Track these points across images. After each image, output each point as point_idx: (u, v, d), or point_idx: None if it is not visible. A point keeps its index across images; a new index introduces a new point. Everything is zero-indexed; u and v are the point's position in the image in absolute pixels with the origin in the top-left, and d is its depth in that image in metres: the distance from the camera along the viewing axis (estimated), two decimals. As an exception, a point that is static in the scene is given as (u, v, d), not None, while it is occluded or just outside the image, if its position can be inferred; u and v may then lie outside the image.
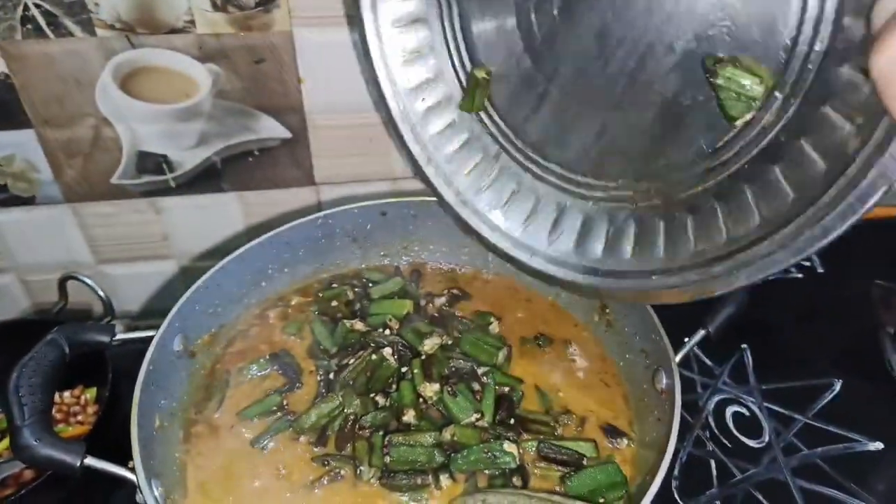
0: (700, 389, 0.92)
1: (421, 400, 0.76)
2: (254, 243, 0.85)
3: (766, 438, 0.86)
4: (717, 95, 0.55)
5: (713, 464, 0.84)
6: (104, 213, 1.00)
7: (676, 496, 0.80)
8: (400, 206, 0.93)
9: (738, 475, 0.82)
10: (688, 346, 0.73)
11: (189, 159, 0.97)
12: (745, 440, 0.86)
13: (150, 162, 0.96)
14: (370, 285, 0.92)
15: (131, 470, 0.61)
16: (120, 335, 0.73)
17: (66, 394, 0.92)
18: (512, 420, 0.75)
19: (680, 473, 0.82)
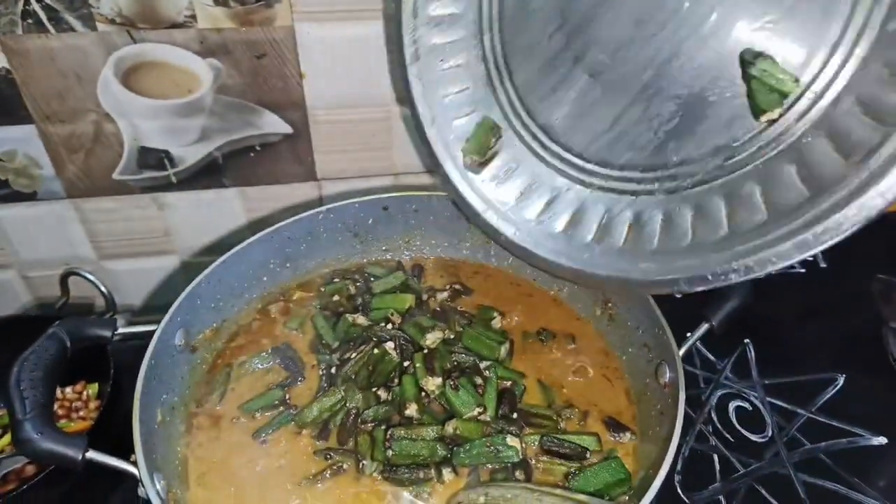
0: (703, 384, 0.92)
1: (423, 394, 0.76)
2: (255, 238, 0.85)
3: (769, 433, 0.86)
4: (749, 87, 0.55)
5: (716, 458, 0.83)
6: (106, 209, 1.00)
7: (679, 491, 0.80)
8: (402, 200, 0.93)
9: (741, 470, 0.82)
10: (691, 340, 0.73)
11: (190, 155, 0.97)
12: (748, 435, 0.86)
13: (152, 157, 0.96)
14: (372, 280, 0.92)
15: (133, 464, 0.61)
16: (121, 329, 0.73)
17: (68, 389, 0.92)
18: (514, 414, 0.75)
19: (683, 468, 0.82)
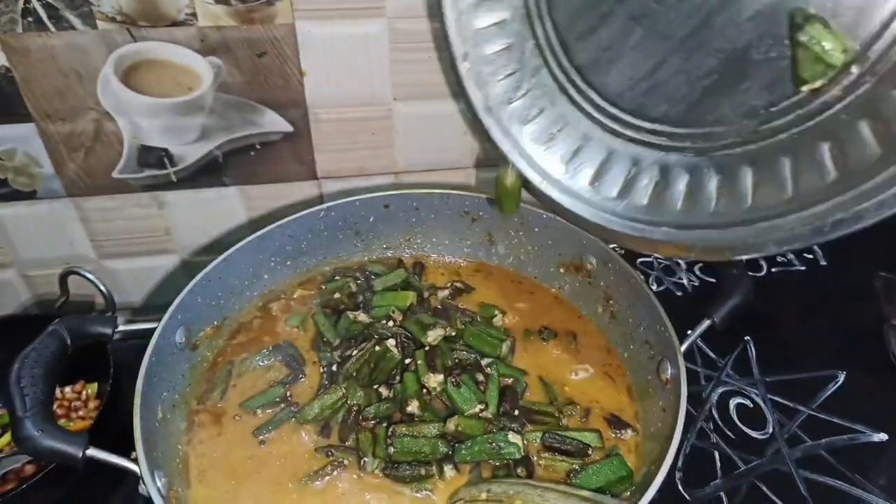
0: (703, 382, 0.92)
1: (424, 391, 0.76)
2: (256, 235, 0.85)
3: (770, 430, 0.86)
4: (794, 54, 0.52)
5: (717, 455, 0.83)
6: (106, 208, 0.99)
7: (680, 487, 0.80)
8: (403, 198, 0.93)
9: (742, 466, 0.82)
10: (693, 336, 0.73)
11: (191, 153, 0.97)
12: (749, 432, 0.86)
13: (152, 156, 0.96)
14: (373, 277, 0.92)
15: (134, 461, 0.61)
16: (122, 327, 0.73)
17: (67, 389, 0.92)
18: (516, 411, 0.75)
19: (684, 465, 0.82)
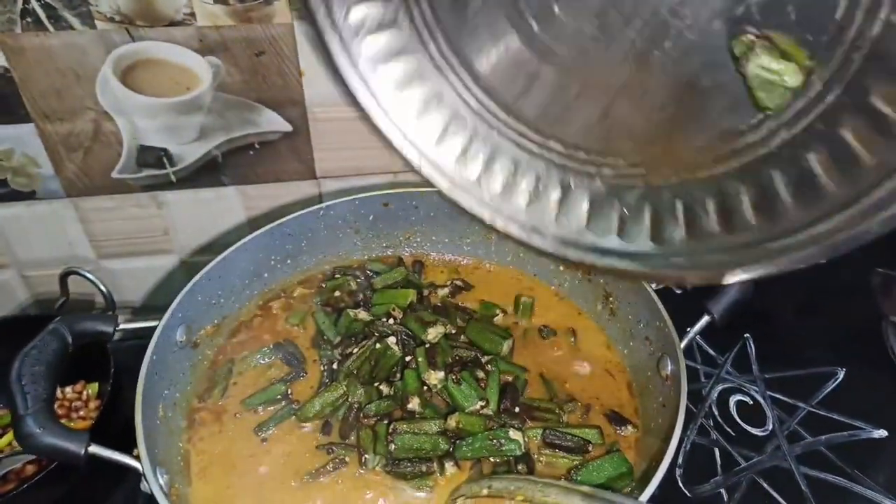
0: (703, 379, 0.92)
1: (425, 388, 0.76)
2: (256, 234, 0.85)
3: (770, 427, 0.86)
4: (747, 85, 0.47)
5: (717, 452, 0.83)
6: (105, 208, 0.99)
7: (681, 484, 0.80)
8: (402, 197, 0.93)
9: (743, 463, 0.82)
10: (693, 332, 0.73)
11: (190, 153, 0.97)
12: (749, 428, 0.86)
13: (151, 156, 0.96)
14: (373, 276, 0.92)
15: (135, 458, 0.61)
16: (123, 325, 0.73)
17: (68, 389, 0.92)
18: (516, 408, 0.75)
19: (684, 462, 0.82)
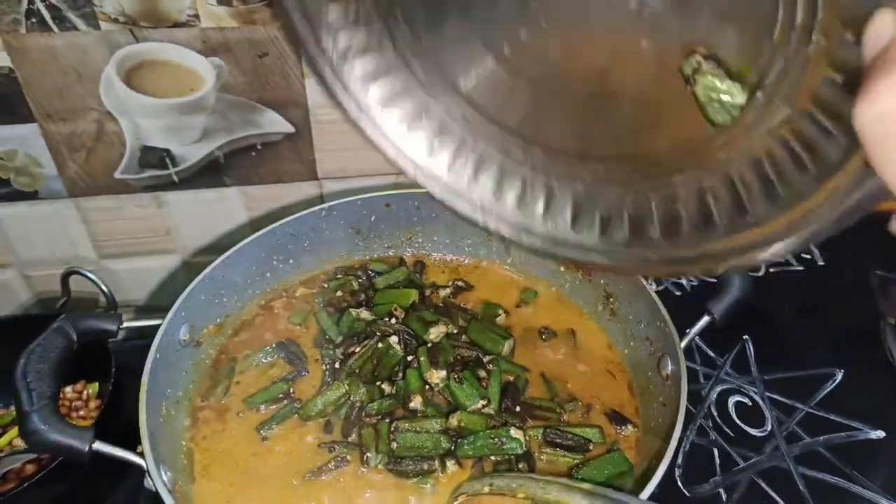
0: (702, 380, 0.93)
1: (427, 387, 0.76)
2: (258, 234, 0.86)
3: (769, 427, 0.86)
4: (698, 102, 0.50)
5: (716, 452, 0.84)
6: (107, 208, 0.99)
7: (680, 484, 0.81)
8: (404, 197, 0.93)
9: (741, 463, 0.83)
10: (693, 332, 0.73)
11: (192, 154, 0.97)
12: (748, 429, 0.87)
13: (154, 156, 0.96)
14: (375, 276, 0.93)
15: (139, 455, 0.61)
16: (126, 324, 0.73)
17: (69, 389, 0.92)
18: (518, 407, 0.75)
19: (683, 462, 0.83)
